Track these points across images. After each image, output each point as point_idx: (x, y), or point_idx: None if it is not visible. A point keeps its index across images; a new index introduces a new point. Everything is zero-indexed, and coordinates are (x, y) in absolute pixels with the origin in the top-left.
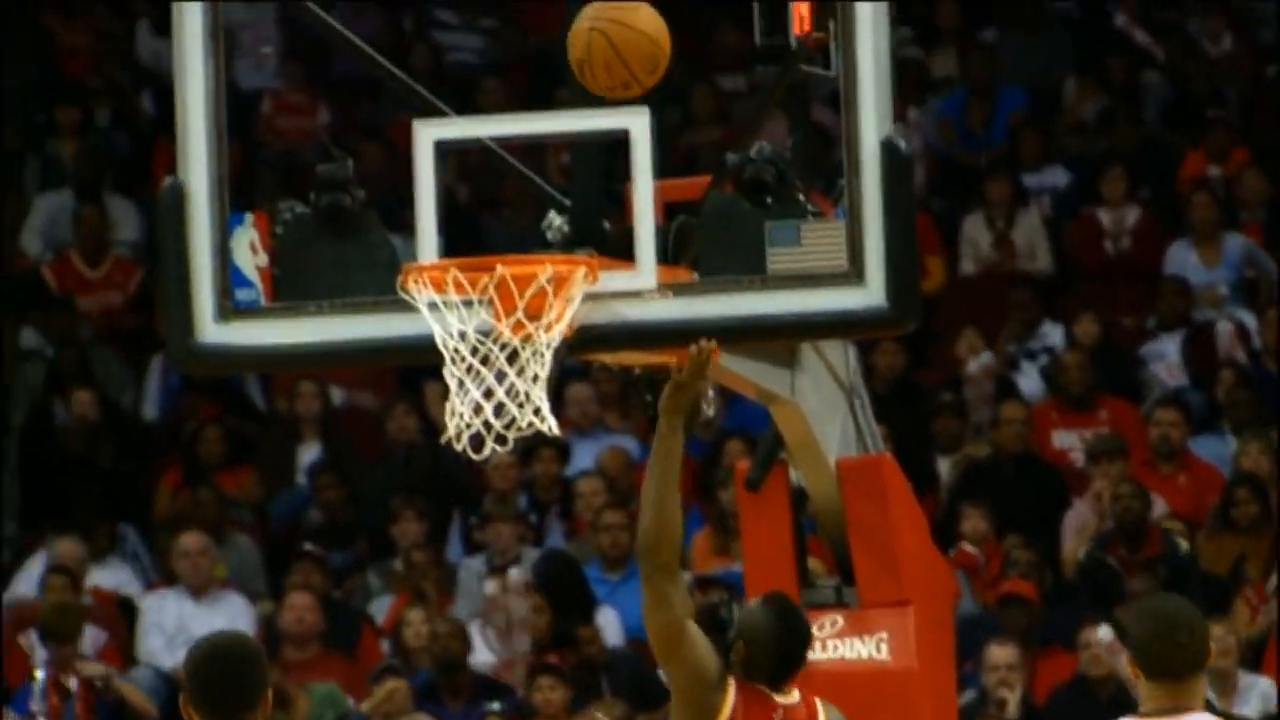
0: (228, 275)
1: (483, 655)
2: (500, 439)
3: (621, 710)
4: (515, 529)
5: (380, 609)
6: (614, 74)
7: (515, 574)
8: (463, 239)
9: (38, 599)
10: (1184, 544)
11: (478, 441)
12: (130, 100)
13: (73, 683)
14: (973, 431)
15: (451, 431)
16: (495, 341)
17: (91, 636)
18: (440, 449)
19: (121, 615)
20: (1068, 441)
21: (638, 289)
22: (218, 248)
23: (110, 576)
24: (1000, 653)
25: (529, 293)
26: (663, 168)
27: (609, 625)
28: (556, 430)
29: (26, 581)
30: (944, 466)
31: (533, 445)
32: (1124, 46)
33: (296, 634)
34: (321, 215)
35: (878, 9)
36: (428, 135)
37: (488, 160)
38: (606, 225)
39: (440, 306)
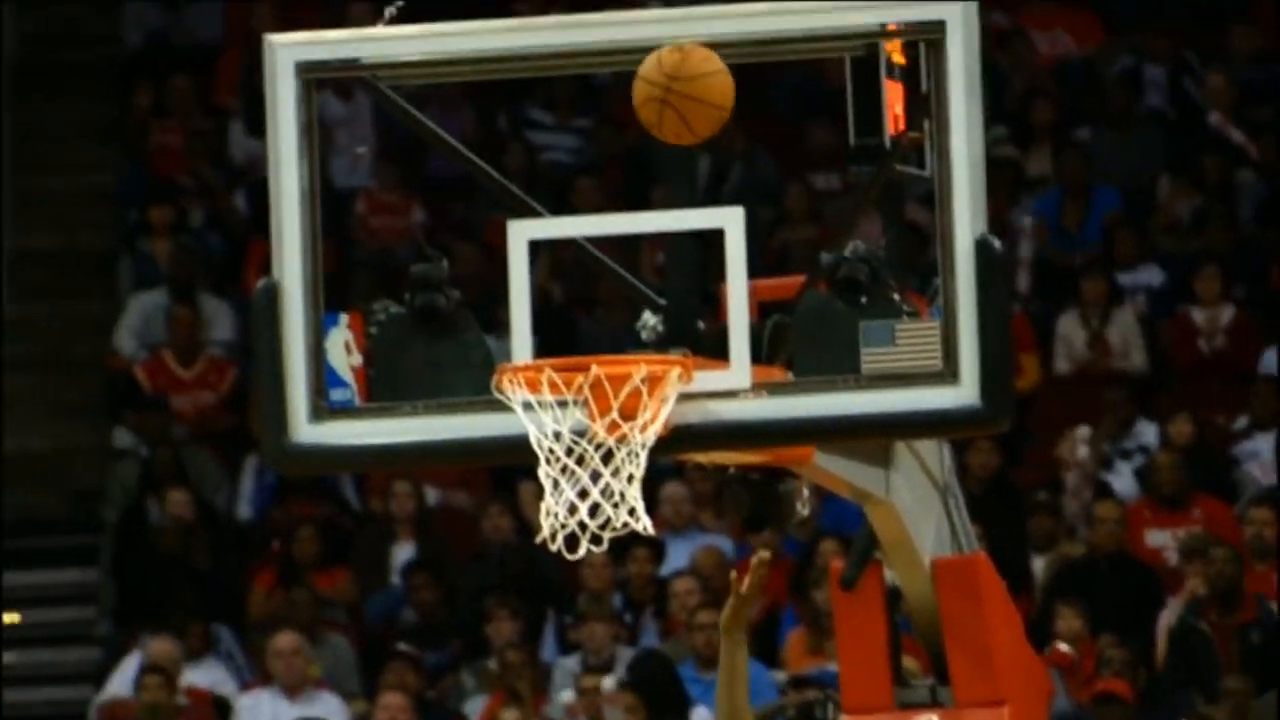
0: (322, 375)
1: None
2: (595, 538)
3: None
4: (610, 628)
5: (474, 709)
6: (682, 139)
7: (608, 682)
8: (557, 339)
9: (132, 698)
10: (1278, 608)
11: (572, 541)
12: (223, 200)
13: None
14: (1067, 530)
15: (546, 531)
16: (590, 441)
17: None
18: (535, 548)
19: (216, 714)
20: (1161, 540)
21: (732, 388)
22: (312, 348)
23: (205, 676)
24: None
25: (623, 392)
26: (757, 267)
27: None
28: (651, 530)
29: (121, 681)
30: (1038, 565)
31: (627, 544)
32: (1218, 145)
33: None
34: (416, 315)
35: (972, 108)
36: (522, 234)
37: (582, 259)
38: (701, 325)
39: (535, 406)
